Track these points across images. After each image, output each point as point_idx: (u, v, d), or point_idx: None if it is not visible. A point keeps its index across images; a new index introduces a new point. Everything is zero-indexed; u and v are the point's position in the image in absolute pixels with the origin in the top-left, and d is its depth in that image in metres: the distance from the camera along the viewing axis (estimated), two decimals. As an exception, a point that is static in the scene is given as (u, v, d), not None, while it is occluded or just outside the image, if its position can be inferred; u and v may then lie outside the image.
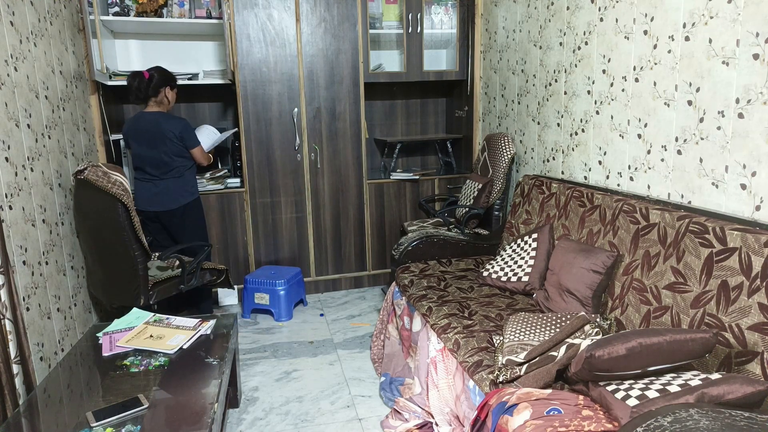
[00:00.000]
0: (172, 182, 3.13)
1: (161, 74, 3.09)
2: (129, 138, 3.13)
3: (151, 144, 3.06)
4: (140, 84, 3.03)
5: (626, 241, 2.10)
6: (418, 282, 2.67)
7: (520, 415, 1.48)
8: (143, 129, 3.07)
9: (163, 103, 3.13)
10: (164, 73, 3.11)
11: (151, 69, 3.10)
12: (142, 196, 3.16)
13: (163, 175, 3.11)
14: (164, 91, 3.10)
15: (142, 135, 3.07)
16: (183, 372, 2.02)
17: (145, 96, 3.07)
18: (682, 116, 2.06)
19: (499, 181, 3.36)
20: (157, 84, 3.05)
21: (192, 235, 3.21)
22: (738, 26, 1.78)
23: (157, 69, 3.10)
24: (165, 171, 3.10)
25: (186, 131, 3.09)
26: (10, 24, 2.28)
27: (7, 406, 1.88)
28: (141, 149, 3.09)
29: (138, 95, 3.06)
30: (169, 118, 3.08)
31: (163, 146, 3.05)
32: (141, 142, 3.08)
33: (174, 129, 3.05)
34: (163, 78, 3.09)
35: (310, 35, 3.62)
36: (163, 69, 3.13)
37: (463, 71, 3.94)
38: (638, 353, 1.43)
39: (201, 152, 3.19)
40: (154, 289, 2.70)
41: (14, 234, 2.17)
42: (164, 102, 3.12)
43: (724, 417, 1.20)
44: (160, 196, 3.13)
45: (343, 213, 3.90)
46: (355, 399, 2.57)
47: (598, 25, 2.52)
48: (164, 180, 3.12)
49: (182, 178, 3.15)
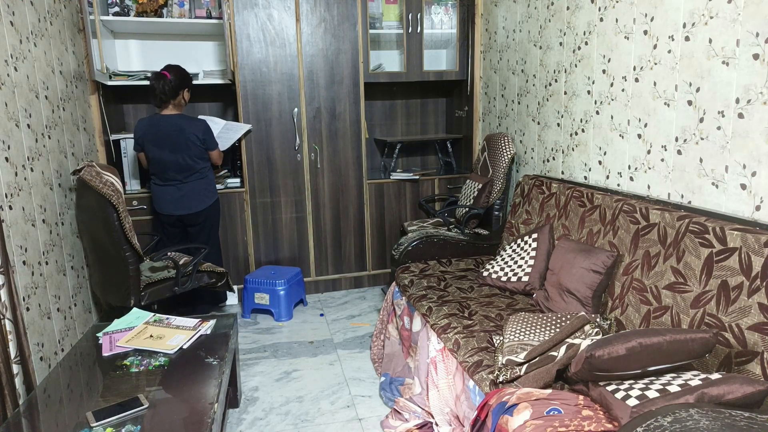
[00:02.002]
0: (197, 184, 3.12)
1: (179, 75, 3.04)
2: (146, 142, 3.04)
3: (174, 148, 3.01)
4: (164, 86, 2.97)
5: (626, 241, 2.10)
6: (418, 282, 2.67)
7: (520, 415, 1.48)
8: (165, 133, 3.00)
9: (181, 105, 3.10)
10: (182, 73, 3.06)
11: (168, 68, 3.02)
12: (165, 200, 3.12)
13: (187, 179, 3.09)
14: (183, 93, 3.07)
15: (163, 140, 3.00)
16: (183, 372, 2.01)
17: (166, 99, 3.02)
18: (682, 116, 2.06)
19: (499, 181, 3.36)
20: (176, 86, 3.01)
21: (209, 235, 3.22)
22: (738, 26, 1.78)
23: (174, 69, 3.03)
24: (189, 174, 3.08)
25: (207, 133, 3.09)
26: (10, 24, 2.28)
27: (7, 406, 1.88)
28: (163, 153, 3.02)
29: (162, 98, 3.00)
30: (191, 121, 3.05)
31: (187, 150, 3.02)
32: (162, 147, 3.01)
33: (197, 132, 3.03)
34: (182, 79, 3.04)
35: (310, 35, 3.62)
36: (179, 69, 3.06)
37: (463, 71, 3.94)
38: (638, 353, 1.43)
39: (219, 153, 3.20)
40: (146, 291, 2.69)
41: (14, 234, 2.17)
42: (182, 104, 3.10)
43: (724, 417, 1.20)
44: (185, 199, 3.11)
45: (343, 213, 3.90)
46: (355, 399, 2.57)
47: (598, 25, 2.52)
48: (188, 183, 3.10)
49: (205, 179, 3.16)
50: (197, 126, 3.05)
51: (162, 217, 3.20)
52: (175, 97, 3.04)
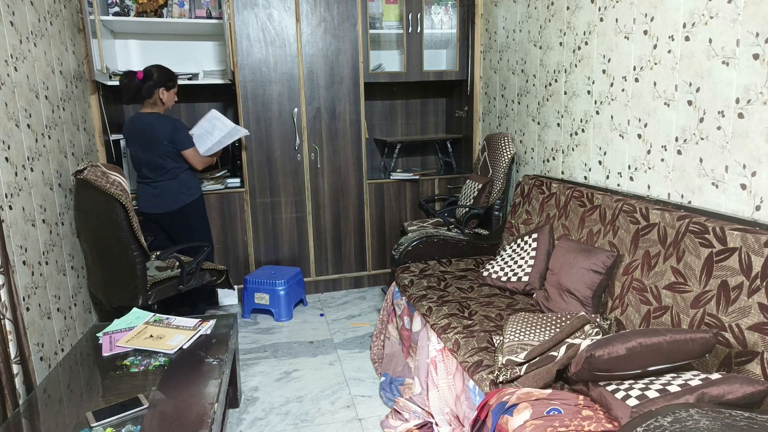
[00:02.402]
0: (169, 184, 3.08)
1: (157, 75, 3.01)
2: (127, 139, 3.10)
3: (144, 146, 3.02)
4: (130, 84, 2.97)
5: (626, 241, 2.10)
6: (418, 282, 2.67)
7: (520, 415, 1.48)
8: (138, 131, 3.03)
9: (158, 105, 3.06)
10: (161, 73, 3.02)
11: (149, 68, 3.02)
12: (142, 198, 3.14)
13: (159, 177, 3.07)
14: (158, 92, 3.02)
15: (136, 137, 3.04)
16: (183, 372, 2.01)
17: (139, 96, 3.02)
18: (682, 116, 2.06)
19: (499, 181, 3.36)
20: (150, 85, 2.99)
21: (194, 236, 3.15)
22: (738, 26, 1.78)
23: (154, 68, 3.02)
24: (160, 173, 3.07)
25: (176, 133, 3.00)
26: (10, 24, 2.28)
27: (7, 406, 1.88)
28: (137, 151, 3.05)
29: (128, 95, 3.01)
30: (160, 120, 3.02)
31: (156, 148, 3.01)
32: (136, 144, 3.04)
33: (164, 131, 2.98)
34: (159, 79, 3.01)
35: (310, 35, 3.62)
36: (160, 69, 3.04)
37: (463, 71, 3.94)
38: (638, 353, 1.43)
39: (194, 154, 3.09)
40: (152, 290, 2.70)
41: (14, 234, 2.17)
42: (158, 103, 3.05)
43: (724, 417, 1.20)
44: (158, 198, 3.10)
45: (343, 213, 3.90)
46: (355, 399, 2.57)
47: (598, 25, 2.52)
48: (161, 182, 3.08)
49: (178, 179, 3.10)
50: (165, 125, 3.00)
51: (145, 216, 3.18)
52: (150, 96, 3.02)
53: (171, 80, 3.08)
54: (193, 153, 3.09)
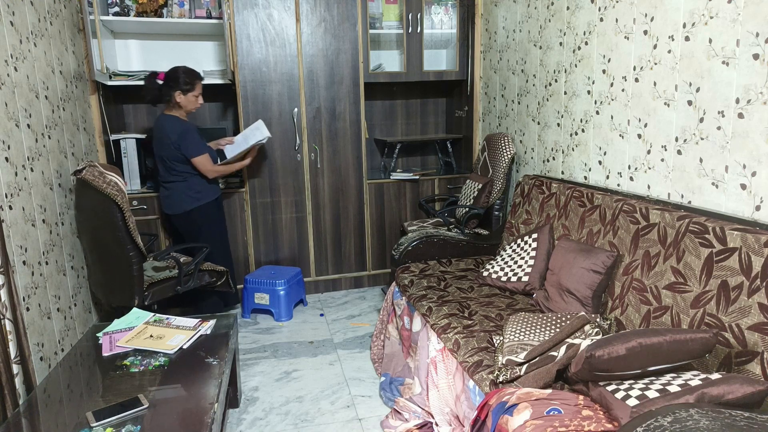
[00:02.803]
0: (177, 186, 3.12)
1: (173, 77, 3.01)
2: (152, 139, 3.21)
3: (158, 147, 3.10)
4: (151, 85, 3.05)
5: (626, 241, 2.10)
6: (418, 282, 2.67)
7: (520, 415, 1.48)
8: (155, 131, 3.12)
9: (173, 107, 3.07)
10: (179, 76, 3.01)
11: (171, 69, 3.04)
12: (160, 197, 3.25)
13: (169, 178, 3.12)
14: (174, 95, 3.02)
15: (154, 137, 3.13)
16: (183, 372, 2.01)
17: (157, 99, 3.08)
18: (682, 116, 2.06)
19: (499, 181, 3.36)
20: (165, 89, 3.03)
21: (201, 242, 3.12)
22: (738, 26, 1.78)
23: (171, 71, 3.03)
24: (170, 174, 3.11)
25: (183, 138, 2.99)
26: (10, 24, 2.28)
27: (7, 406, 1.88)
28: (155, 150, 3.14)
29: (149, 96, 3.08)
30: (173, 123, 3.03)
31: (164, 151, 3.05)
32: (155, 144, 3.13)
33: (171, 134, 3.00)
34: (175, 82, 3.00)
35: (310, 35, 3.62)
36: (178, 71, 3.02)
37: (463, 71, 3.94)
38: (638, 353, 1.43)
39: (204, 162, 3.06)
40: (149, 290, 2.70)
41: (14, 234, 2.17)
42: (176, 106, 3.06)
43: (724, 417, 1.20)
44: (167, 199, 3.17)
45: (343, 213, 3.90)
46: (355, 399, 2.57)
47: (598, 25, 2.52)
48: (170, 183, 3.13)
49: (186, 182, 3.11)
50: (174, 129, 3.00)
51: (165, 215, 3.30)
52: (168, 99, 3.06)
53: (188, 83, 3.03)
54: (202, 161, 3.06)
